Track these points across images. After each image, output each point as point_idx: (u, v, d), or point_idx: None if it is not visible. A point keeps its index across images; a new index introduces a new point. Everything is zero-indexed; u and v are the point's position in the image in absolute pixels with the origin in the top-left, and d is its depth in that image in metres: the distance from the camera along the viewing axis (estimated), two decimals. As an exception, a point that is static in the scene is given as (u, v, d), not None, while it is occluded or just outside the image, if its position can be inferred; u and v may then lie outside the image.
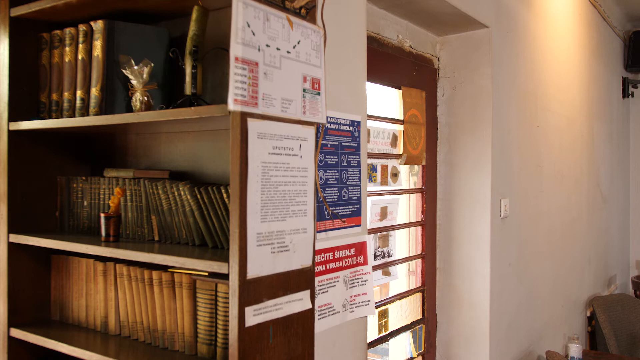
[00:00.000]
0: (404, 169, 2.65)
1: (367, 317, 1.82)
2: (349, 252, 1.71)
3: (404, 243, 2.75)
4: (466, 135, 2.77)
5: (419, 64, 2.67)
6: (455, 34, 2.81)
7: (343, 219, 1.67)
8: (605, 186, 4.91)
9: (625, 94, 5.63)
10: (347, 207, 1.69)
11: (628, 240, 5.98)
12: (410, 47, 2.59)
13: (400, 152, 2.55)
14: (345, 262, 1.69)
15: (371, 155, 2.33)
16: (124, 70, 1.57)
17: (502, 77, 2.84)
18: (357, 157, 1.74)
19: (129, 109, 1.60)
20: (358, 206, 1.74)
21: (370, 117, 2.16)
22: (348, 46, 1.73)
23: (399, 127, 2.57)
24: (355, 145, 1.74)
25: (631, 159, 5.92)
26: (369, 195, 2.01)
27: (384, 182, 2.48)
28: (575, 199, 4.11)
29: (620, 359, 3.72)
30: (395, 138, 2.57)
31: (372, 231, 2.27)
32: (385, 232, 2.45)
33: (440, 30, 2.76)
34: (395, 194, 2.52)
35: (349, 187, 1.70)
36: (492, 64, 2.73)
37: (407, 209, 2.73)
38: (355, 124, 1.73)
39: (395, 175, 2.56)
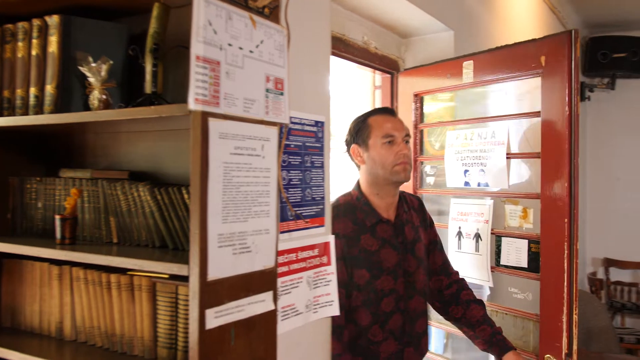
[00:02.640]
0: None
1: (330, 317, 1.81)
2: (313, 252, 1.70)
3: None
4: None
5: (385, 65, 2.68)
6: (419, 36, 2.84)
7: (306, 220, 1.65)
8: (564, 187, 5.02)
9: (583, 97, 5.78)
10: (310, 207, 1.68)
11: (584, 238, 6.13)
12: (376, 48, 2.60)
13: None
14: (309, 262, 1.68)
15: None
16: (81, 68, 1.53)
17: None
18: (321, 157, 1.73)
19: (87, 107, 1.56)
20: (322, 207, 1.73)
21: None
22: (312, 46, 1.72)
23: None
24: (319, 145, 1.73)
25: (587, 159, 6.07)
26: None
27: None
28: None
29: (579, 352, 3.81)
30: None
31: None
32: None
33: (405, 33, 2.78)
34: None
35: (313, 188, 1.69)
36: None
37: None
38: (320, 125, 1.72)
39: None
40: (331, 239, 1.76)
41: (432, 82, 2.58)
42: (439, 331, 2.78)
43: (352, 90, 2.88)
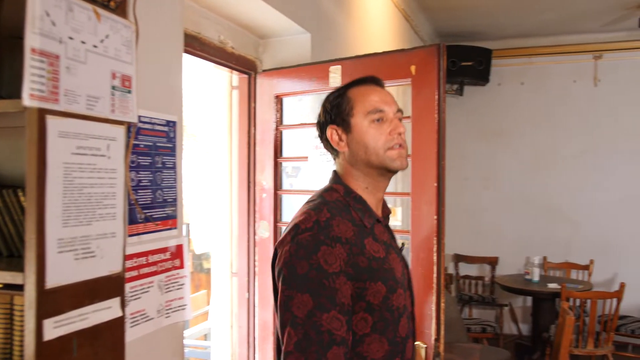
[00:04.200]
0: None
1: (183, 321, 1.77)
2: (164, 255, 1.65)
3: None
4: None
5: (241, 65, 2.67)
6: (277, 38, 2.86)
7: (157, 222, 1.61)
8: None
9: (433, 102, 6.17)
10: (162, 209, 1.64)
11: (435, 235, 6.55)
12: (233, 48, 2.58)
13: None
14: (160, 266, 1.64)
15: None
16: None
17: (321, 82, 2.94)
18: (173, 158, 1.69)
19: None
20: (174, 208, 1.69)
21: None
22: (164, 44, 1.68)
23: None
24: (171, 146, 1.69)
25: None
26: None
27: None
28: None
29: (427, 345, 4.06)
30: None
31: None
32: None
33: (262, 33, 2.79)
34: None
35: (164, 189, 1.65)
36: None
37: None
38: (171, 124, 1.68)
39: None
40: (184, 241, 1.73)
41: (296, 84, 2.61)
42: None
43: (207, 90, 2.84)
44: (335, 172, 1.54)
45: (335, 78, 2.49)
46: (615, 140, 6.03)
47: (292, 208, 2.79)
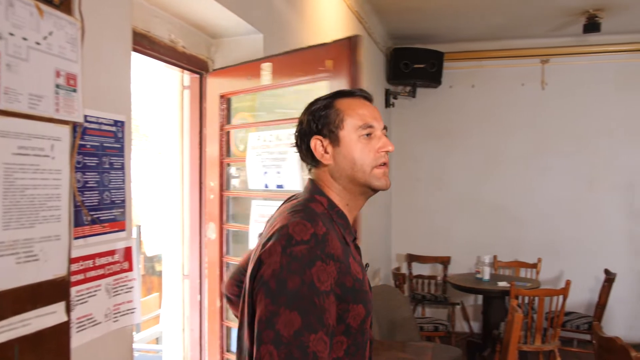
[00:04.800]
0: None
1: (133, 325, 1.74)
2: (112, 258, 1.62)
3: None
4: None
5: (193, 64, 2.64)
6: (229, 38, 2.84)
7: (104, 224, 1.57)
8: (369, 187, 5.36)
9: (388, 104, 6.23)
10: (109, 211, 1.60)
11: (390, 236, 6.62)
12: (184, 47, 2.55)
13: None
14: (108, 269, 1.60)
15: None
16: None
17: (274, 82, 2.93)
18: (121, 158, 1.66)
19: None
20: (122, 210, 1.66)
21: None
22: (111, 42, 1.64)
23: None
24: (119, 146, 1.65)
25: (392, 162, 6.54)
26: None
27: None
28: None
29: (382, 344, 4.09)
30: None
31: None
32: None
33: (215, 33, 2.77)
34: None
35: (112, 191, 1.61)
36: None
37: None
38: (119, 124, 1.65)
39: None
40: (132, 243, 1.70)
41: (236, 83, 2.59)
42: None
43: (159, 89, 2.80)
44: (313, 181, 1.44)
45: (266, 75, 2.45)
46: (561, 142, 6.22)
47: (242, 210, 2.77)
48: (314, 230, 1.23)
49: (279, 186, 2.44)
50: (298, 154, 1.46)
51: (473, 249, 6.20)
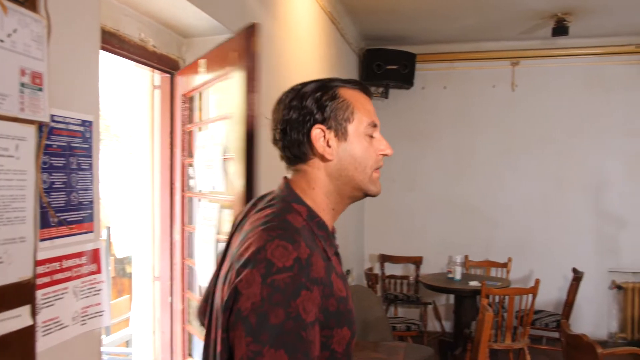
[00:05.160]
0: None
1: (102, 328, 1.71)
2: (80, 260, 1.59)
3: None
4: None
5: (163, 64, 2.61)
6: (201, 37, 2.81)
7: (71, 226, 1.54)
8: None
9: (360, 104, 6.24)
10: (77, 212, 1.57)
11: (363, 236, 6.64)
12: (154, 46, 2.52)
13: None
14: (75, 271, 1.57)
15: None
16: None
17: (246, 83, 2.92)
18: (89, 159, 1.63)
19: None
20: (90, 211, 1.63)
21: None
22: (79, 40, 1.61)
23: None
24: (87, 146, 1.62)
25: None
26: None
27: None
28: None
29: (355, 344, 4.10)
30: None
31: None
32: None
33: (186, 32, 2.74)
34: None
35: (79, 192, 1.58)
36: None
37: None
38: (87, 124, 1.62)
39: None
40: (100, 245, 1.67)
41: (191, 81, 2.57)
42: None
43: (129, 89, 2.76)
44: (289, 184, 1.27)
45: (202, 71, 2.41)
46: (531, 143, 6.32)
47: (205, 212, 2.72)
48: (296, 255, 1.08)
49: (210, 187, 2.40)
50: (279, 144, 1.28)
51: (445, 249, 6.25)
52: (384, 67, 6.05)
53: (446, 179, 6.51)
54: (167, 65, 2.63)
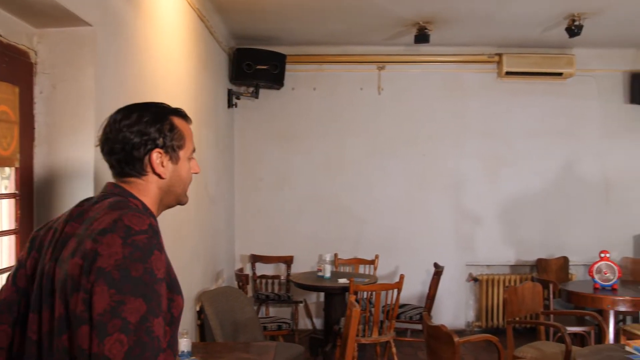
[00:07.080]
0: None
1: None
2: None
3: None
4: (68, 137, 2.61)
5: (11, 55, 2.40)
6: (55, 28, 2.62)
7: None
8: (213, 188, 5.28)
9: (230, 104, 6.16)
10: None
11: (233, 237, 6.57)
12: (0, 36, 2.31)
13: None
14: None
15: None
16: None
17: (107, 78, 2.76)
18: None
19: None
20: None
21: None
22: None
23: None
24: None
25: (235, 162, 6.52)
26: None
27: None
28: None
29: (225, 346, 4.04)
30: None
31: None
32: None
33: (38, 22, 2.54)
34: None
35: None
36: (97, 64, 2.64)
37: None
38: None
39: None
40: None
41: None
42: None
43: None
44: (120, 186, 1.50)
45: None
46: (396, 144, 6.61)
47: None
48: (149, 222, 1.32)
49: None
50: (112, 157, 1.50)
51: (315, 248, 6.37)
52: (254, 67, 6.02)
53: (316, 178, 6.62)
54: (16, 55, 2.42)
